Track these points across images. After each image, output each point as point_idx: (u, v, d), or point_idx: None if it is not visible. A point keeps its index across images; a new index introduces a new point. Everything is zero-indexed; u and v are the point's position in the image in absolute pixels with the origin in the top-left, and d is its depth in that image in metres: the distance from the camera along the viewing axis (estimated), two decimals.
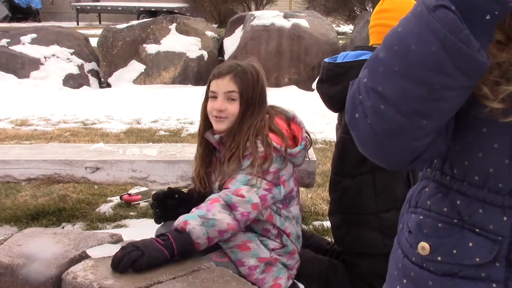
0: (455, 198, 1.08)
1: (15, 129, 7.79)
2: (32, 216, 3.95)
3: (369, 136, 1.01)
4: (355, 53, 2.62)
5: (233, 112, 2.34)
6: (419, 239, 1.12)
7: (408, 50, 0.90)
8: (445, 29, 0.86)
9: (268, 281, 2.33)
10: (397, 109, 0.95)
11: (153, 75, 12.33)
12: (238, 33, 12.69)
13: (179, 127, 7.92)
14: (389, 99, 0.95)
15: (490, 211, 1.04)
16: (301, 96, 10.20)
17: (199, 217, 2.13)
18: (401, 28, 0.93)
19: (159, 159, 3.54)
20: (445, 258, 1.07)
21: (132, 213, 4.14)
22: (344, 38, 15.78)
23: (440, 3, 0.87)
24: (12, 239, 2.37)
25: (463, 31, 0.86)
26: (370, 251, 2.57)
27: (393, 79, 0.94)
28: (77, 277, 2.00)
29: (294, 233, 2.48)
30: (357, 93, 1.01)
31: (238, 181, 2.24)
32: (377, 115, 0.97)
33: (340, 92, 2.58)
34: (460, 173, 1.07)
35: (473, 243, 1.05)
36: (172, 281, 1.95)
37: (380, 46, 0.98)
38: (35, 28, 13.33)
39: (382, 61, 0.96)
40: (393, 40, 0.94)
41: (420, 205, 1.16)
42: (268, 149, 2.28)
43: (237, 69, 2.36)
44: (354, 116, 1.02)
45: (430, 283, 1.10)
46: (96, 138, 6.88)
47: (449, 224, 1.08)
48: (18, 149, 4.04)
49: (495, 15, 0.86)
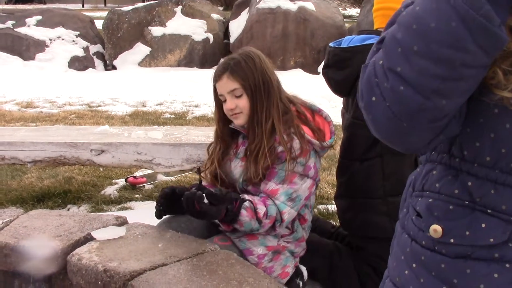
0: (465, 180, 1.07)
1: (21, 111, 7.80)
2: (38, 198, 3.97)
3: (387, 119, 1.00)
4: (361, 37, 2.60)
5: (244, 106, 2.32)
6: (430, 222, 1.11)
7: (428, 28, 0.90)
8: (466, 5, 0.86)
9: (276, 269, 2.34)
10: (416, 89, 0.94)
11: (159, 57, 12.31)
12: (243, 16, 12.63)
13: (185, 110, 7.92)
14: (408, 80, 0.94)
15: (502, 191, 1.04)
16: (307, 79, 10.17)
17: (251, 229, 2.23)
18: (418, 7, 0.92)
19: (164, 142, 3.54)
20: (458, 240, 1.07)
21: (137, 195, 4.15)
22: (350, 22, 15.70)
23: None
24: (17, 221, 2.38)
25: (484, 6, 0.86)
26: (377, 235, 2.57)
27: (413, 58, 0.93)
28: (82, 259, 2.01)
29: (309, 221, 2.51)
30: (372, 75, 1.00)
31: (282, 194, 2.26)
32: (396, 97, 0.96)
33: (346, 77, 2.56)
34: (470, 154, 1.07)
35: (485, 224, 1.04)
36: (176, 264, 1.95)
37: (395, 26, 0.97)
38: (40, 10, 13.32)
39: (400, 41, 0.95)
40: (411, 19, 0.93)
41: (428, 188, 1.15)
42: (303, 143, 2.28)
43: (230, 64, 2.33)
44: (370, 100, 1.01)
45: (443, 265, 1.09)
46: (102, 120, 6.89)
47: (460, 206, 1.07)
48: (24, 131, 4.05)
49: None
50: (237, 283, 1.81)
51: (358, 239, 2.71)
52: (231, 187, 2.44)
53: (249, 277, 1.85)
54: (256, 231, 2.25)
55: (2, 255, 2.16)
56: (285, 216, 2.25)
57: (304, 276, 2.51)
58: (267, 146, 2.25)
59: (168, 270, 1.90)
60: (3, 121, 6.92)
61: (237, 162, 2.41)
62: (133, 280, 1.84)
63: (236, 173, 2.40)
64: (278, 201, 2.24)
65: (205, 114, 7.57)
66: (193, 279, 1.83)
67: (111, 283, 1.89)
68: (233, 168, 2.42)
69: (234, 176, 2.41)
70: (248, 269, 1.92)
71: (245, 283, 1.81)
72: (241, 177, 2.36)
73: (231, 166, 2.42)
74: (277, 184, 2.25)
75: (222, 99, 2.36)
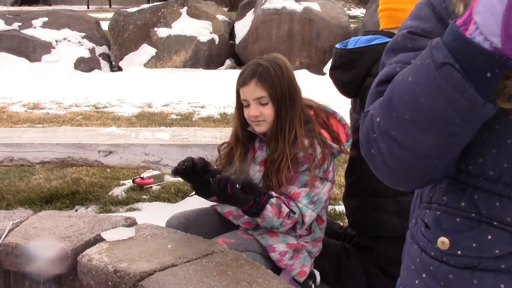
0: (472, 193, 1.09)
1: (28, 112, 7.83)
2: (46, 199, 3.98)
3: (385, 172, 1.09)
4: (367, 38, 2.60)
5: (268, 114, 2.30)
6: (438, 235, 1.13)
7: (417, 102, 0.95)
8: (451, 87, 0.90)
9: (296, 267, 2.37)
10: (410, 153, 1.01)
11: (164, 58, 12.33)
12: (249, 17, 12.63)
13: (191, 111, 7.93)
14: (402, 144, 1.01)
15: (507, 204, 1.05)
16: (313, 80, 10.16)
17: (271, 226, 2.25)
18: (411, 77, 0.97)
19: (172, 143, 3.55)
20: (465, 252, 1.09)
21: (144, 196, 4.16)
22: (356, 22, 15.68)
23: (446, 61, 0.90)
24: (27, 222, 2.40)
25: (467, 89, 0.89)
26: (387, 235, 2.57)
27: (405, 126, 0.99)
28: (92, 260, 2.02)
29: (325, 222, 2.54)
30: (371, 130, 1.06)
31: (304, 198, 2.28)
32: (392, 156, 1.04)
33: (353, 78, 2.57)
34: (475, 169, 1.09)
35: (491, 236, 1.06)
36: (186, 264, 1.96)
37: (392, 90, 1.02)
38: (46, 12, 13.36)
39: (394, 108, 1.00)
40: (403, 89, 0.98)
41: (435, 201, 1.17)
42: (325, 149, 2.30)
43: (259, 71, 2.29)
44: (370, 151, 1.08)
45: (451, 276, 1.11)
46: (108, 121, 6.91)
47: (467, 218, 1.09)
48: (32, 133, 4.07)
49: (495, 72, 0.89)
50: (247, 283, 1.82)
51: (367, 239, 2.71)
52: None
53: (259, 277, 1.86)
54: (276, 230, 2.28)
55: (13, 256, 2.17)
56: (307, 218, 2.28)
57: (317, 280, 2.53)
58: (290, 157, 2.27)
59: (178, 271, 1.91)
60: (10, 122, 6.95)
61: (256, 167, 2.42)
62: (143, 281, 1.85)
63: (255, 178, 2.40)
64: (300, 204, 2.26)
65: (211, 115, 7.58)
66: (203, 280, 1.83)
67: (121, 284, 1.90)
68: (251, 173, 2.42)
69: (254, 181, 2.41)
70: (257, 269, 1.93)
71: (254, 284, 1.82)
72: (261, 183, 2.36)
73: (249, 171, 2.43)
74: (299, 188, 2.28)
75: (245, 104, 2.33)
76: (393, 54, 1.13)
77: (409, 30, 1.12)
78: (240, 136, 2.43)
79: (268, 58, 2.35)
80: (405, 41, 1.12)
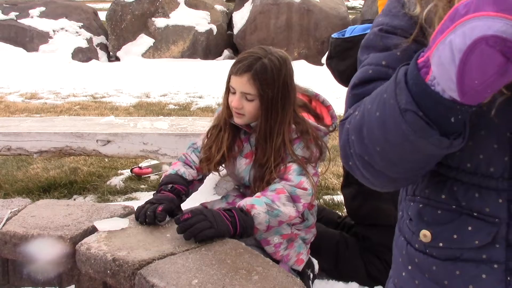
0: (452, 185, 1.10)
1: (25, 102, 7.81)
2: (44, 188, 3.98)
3: (366, 181, 1.11)
4: (363, 27, 2.61)
5: (249, 111, 2.25)
6: (420, 227, 1.14)
7: (386, 139, 0.96)
8: (416, 134, 0.90)
9: (292, 257, 2.36)
10: (386, 174, 1.04)
11: (162, 48, 12.30)
12: (247, 7, 12.60)
13: (189, 101, 7.92)
14: (376, 168, 1.03)
15: (485, 195, 1.06)
16: (311, 70, 10.16)
17: (266, 204, 2.15)
18: (378, 113, 0.97)
19: (170, 132, 3.55)
20: (446, 244, 1.10)
21: (142, 186, 4.16)
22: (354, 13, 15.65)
23: (409, 108, 0.90)
24: (25, 210, 2.39)
25: (432, 135, 0.90)
26: (384, 222, 2.58)
27: (376, 155, 1.01)
28: (90, 248, 2.02)
29: (315, 206, 2.53)
30: (347, 146, 1.08)
31: (295, 171, 2.24)
32: (369, 173, 1.06)
33: (349, 67, 2.57)
34: (453, 162, 1.10)
35: (472, 227, 1.07)
36: (185, 253, 1.96)
37: (362, 117, 1.03)
38: (44, 2, 13.29)
39: (365, 138, 1.02)
40: (372, 122, 0.99)
41: (419, 193, 1.18)
42: (314, 134, 2.28)
43: (256, 67, 2.20)
44: (348, 163, 1.10)
45: (434, 268, 1.12)
46: (106, 111, 6.90)
47: (448, 210, 1.10)
48: (30, 122, 4.06)
49: (458, 118, 0.89)
50: (246, 272, 1.82)
51: (364, 227, 2.72)
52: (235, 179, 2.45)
53: (258, 266, 1.86)
54: (294, 214, 2.21)
55: (11, 245, 2.17)
56: (305, 184, 2.22)
57: (315, 269, 2.52)
58: (274, 163, 2.23)
59: (177, 259, 1.90)
60: (8, 112, 6.93)
61: (242, 160, 2.39)
62: (142, 269, 1.85)
63: (241, 171, 2.39)
64: (293, 178, 2.22)
65: (209, 105, 7.57)
66: (202, 268, 1.83)
67: (120, 272, 1.89)
68: (238, 165, 2.40)
69: (240, 174, 2.41)
70: (256, 258, 1.93)
71: (253, 272, 1.81)
72: (248, 176, 2.36)
73: (236, 163, 2.41)
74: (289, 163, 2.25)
75: (232, 90, 2.27)
76: (366, 51, 1.14)
77: (380, 28, 1.12)
78: (227, 118, 2.36)
79: (270, 54, 2.24)
80: (376, 38, 1.12)
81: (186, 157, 2.52)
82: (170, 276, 1.78)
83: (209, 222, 2.03)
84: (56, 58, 11.73)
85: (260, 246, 2.31)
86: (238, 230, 2.07)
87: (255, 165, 2.32)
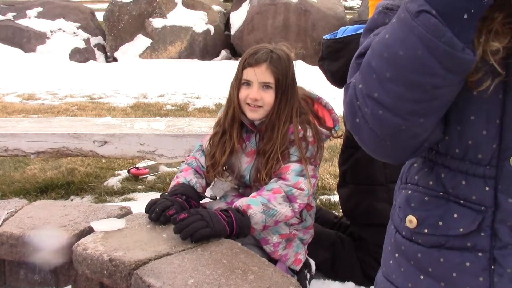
0: (439, 172, 1.11)
1: (22, 103, 7.81)
2: (41, 189, 3.98)
3: (372, 139, 1.06)
4: (354, 27, 2.62)
5: (268, 101, 2.28)
6: (407, 213, 1.15)
7: (397, 56, 0.94)
8: (429, 34, 0.89)
9: (290, 256, 2.37)
10: (394, 113, 0.98)
11: (160, 49, 12.30)
12: (244, 8, 12.60)
13: (186, 102, 7.92)
14: (385, 104, 0.98)
15: (472, 182, 1.06)
16: (308, 70, 10.15)
17: (262, 204, 2.16)
18: (388, 35, 0.96)
19: (167, 132, 3.55)
20: (431, 230, 1.10)
21: (139, 186, 4.16)
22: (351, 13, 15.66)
23: (422, 9, 0.90)
24: (22, 211, 2.40)
25: (445, 33, 0.88)
26: (379, 222, 2.59)
27: (386, 84, 0.97)
28: (87, 249, 2.02)
29: (314, 207, 2.54)
30: (354, 98, 1.04)
31: (294, 171, 2.25)
32: (377, 120, 1.01)
33: (341, 68, 2.58)
34: (442, 147, 1.10)
35: (457, 214, 1.08)
36: (181, 253, 1.96)
37: (370, 53, 1.01)
38: (41, 2, 13.28)
39: (374, 69, 0.99)
40: (382, 47, 0.97)
41: (409, 180, 1.19)
42: (317, 136, 2.31)
43: (272, 56, 2.28)
44: (355, 121, 1.06)
45: (419, 255, 1.13)
46: (103, 112, 6.90)
47: (435, 197, 1.11)
48: (27, 123, 4.06)
49: (472, 13, 0.88)
50: (242, 272, 1.83)
51: (360, 227, 2.73)
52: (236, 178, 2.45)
53: (254, 266, 1.87)
54: (290, 214, 2.22)
55: (8, 245, 2.18)
56: (302, 185, 2.23)
57: (312, 269, 2.54)
58: (280, 150, 2.25)
59: (173, 259, 1.91)
60: (5, 113, 6.93)
61: (243, 158, 2.41)
62: (138, 270, 1.86)
63: (242, 170, 2.40)
64: (291, 178, 2.23)
65: (206, 105, 7.57)
66: (198, 268, 1.84)
67: (116, 272, 1.90)
68: (239, 164, 2.41)
69: (241, 173, 2.41)
70: (252, 258, 1.93)
71: (249, 272, 1.82)
72: (249, 175, 2.36)
73: (239, 161, 2.41)
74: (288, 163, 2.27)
75: (247, 83, 2.30)
76: (370, 33, 1.13)
77: (385, 6, 1.12)
78: (236, 116, 2.36)
79: (279, 48, 2.34)
80: (382, 17, 1.11)
81: (197, 163, 2.52)
82: (166, 276, 1.79)
83: (205, 221, 2.04)
84: (53, 58, 11.71)
85: (259, 245, 2.33)
86: (235, 230, 2.09)
87: (258, 153, 2.33)
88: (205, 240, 2.04)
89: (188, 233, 2.01)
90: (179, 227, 2.03)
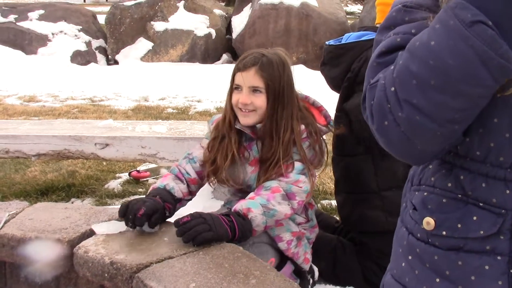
0: (459, 174, 1.10)
1: (23, 105, 7.81)
2: (42, 191, 3.97)
3: (401, 142, 1.04)
4: (357, 34, 2.62)
5: (260, 105, 2.26)
6: (424, 215, 1.14)
7: (446, 65, 0.91)
8: (485, 45, 0.87)
9: (300, 255, 2.39)
10: (432, 119, 0.97)
11: (161, 52, 12.30)
12: (246, 12, 12.62)
13: (187, 105, 7.92)
14: (424, 111, 0.96)
15: (492, 185, 1.06)
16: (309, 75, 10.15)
17: (261, 205, 2.16)
18: (434, 41, 0.93)
19: (168, 136, 3.55)
20: (450, 233, 1.09)
21: (140, 189, 4.16)
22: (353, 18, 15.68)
23: (477, 19, 0.88)
24: (23, 213, 2.39)
25: (502, 46, 0.87)
26: (372, 229, 2.60)
27: (429, 92, 0.95)
28: (88, 251, 2.02)
29: (315, 206, 2.55)
30: (384, 101, 1.02)
31: (295, 169, 2.25)
32: (412, 125, 0.99)
33: (341, 74, 2.59)
34: (462, 149, 1.09)
35: (477, 216, 1.07)
36: (183, 257, 1.95)
37: (407, 56, 0.98)
38: (42, 4, 13.30)
39: (415, 75, 0.96)
40: (426, 53, 0.94)
41: (424, 182, 1.18)
42: (317, 136, 2.31)
43: (262, 60, 2.25)
44: (383, 123, 1.04)
45: (436, 257, 1.12)
46: (104, 115, 6.89)
47: (453, 199, 1.10)
48: (28, 125, 4.06)
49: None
50: (244, 276, 1.82)
51: (358, 234, 2.73)
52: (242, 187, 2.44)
53: (256, 270, 1.86)
54: (290, 212, 2.22)
55: (9, 247, 2.17)
56: (302, 183, 2.24)
57: (315, 275, 2.54)
58: (283, 158, 2.24)
59: (175, 263, 1.90)
60: (6, 115, 6.92)
61: (248, 168, 2.38)
62: (139, 273, 1.85)
63: (248, 179, 2.39)
64: (291, 176, 2.23)
65: (207, 109, 7.57)
66: (200, 272, 1.83)
67: (117, 276, 1.89)
68: (244, 174, 2.39)
69: (248, 183, 2.40)
70: (254, 262, 1.93)
71: (251, 276, 1.81)
72: (255, 183, 2.35)
73: (241, 171, 2.39)
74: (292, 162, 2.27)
75: (237, 88, 2.30)
76: (387, 31, 1.11)
77: (404, 4, 1.10)
78: (232, 122, 2.36)
79: (272, 52, 2.32)
80: (401, 15, 1.09)
81: (179, 169, 2.43)
82: (167, 280, 1.78)
83: (207, 225, 2.03)
84: (54, 61, 11.72)
85: (270, 243, 2.32)
86: (237, 235, 2.08)
87: (260, 161, 2.32)
88: (207, 243, 2.03)
89: (191, 236, 2.01)
90: (182, 230, 2.02)
